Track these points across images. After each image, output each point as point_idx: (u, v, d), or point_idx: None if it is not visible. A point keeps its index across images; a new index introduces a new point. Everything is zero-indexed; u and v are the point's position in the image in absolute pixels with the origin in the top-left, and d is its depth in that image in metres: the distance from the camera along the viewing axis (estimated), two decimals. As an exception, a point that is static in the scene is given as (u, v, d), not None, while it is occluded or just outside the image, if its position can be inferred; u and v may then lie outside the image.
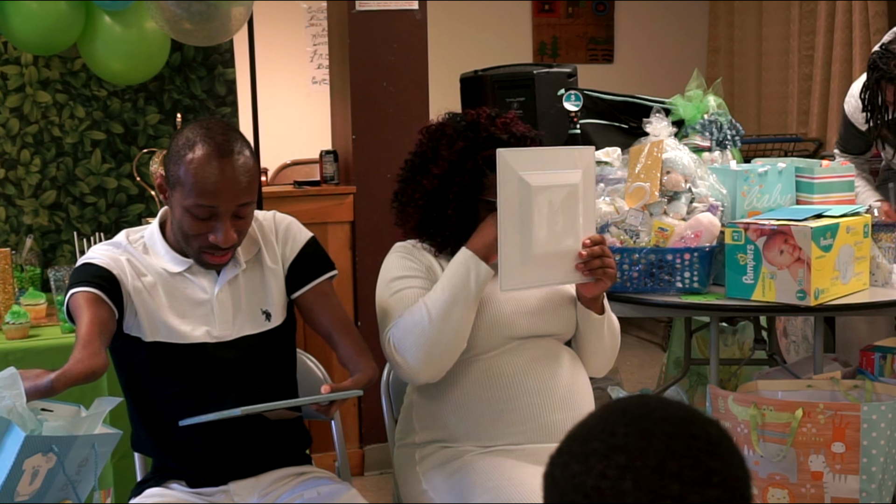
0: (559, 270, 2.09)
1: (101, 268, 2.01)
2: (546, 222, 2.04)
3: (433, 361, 2.08)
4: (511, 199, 2.00)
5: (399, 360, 2.10)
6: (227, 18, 3.09)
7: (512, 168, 2.00)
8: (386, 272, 2.21)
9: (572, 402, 2.15)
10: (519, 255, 2.02)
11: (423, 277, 2.16)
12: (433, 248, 2.22)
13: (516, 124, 2.23)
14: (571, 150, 2.20)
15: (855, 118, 3.29)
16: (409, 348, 2.08)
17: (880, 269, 2.72)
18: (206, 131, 2.00)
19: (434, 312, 2.06)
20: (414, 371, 2.09)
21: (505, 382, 2.12)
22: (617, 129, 3.35)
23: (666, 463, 0.94)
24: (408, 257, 2.20)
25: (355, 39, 3.75)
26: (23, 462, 1.59)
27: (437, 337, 2.06)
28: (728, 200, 2.75)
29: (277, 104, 5.82)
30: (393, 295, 2.15)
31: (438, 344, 2.06)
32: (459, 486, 2.06)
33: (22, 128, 3.40)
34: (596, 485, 0.94)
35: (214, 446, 2.06)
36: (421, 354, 2.07)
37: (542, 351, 2.16)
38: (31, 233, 3.38)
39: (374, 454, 3.87)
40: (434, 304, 2.06)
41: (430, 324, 2.05)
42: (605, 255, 2.10)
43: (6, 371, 1.64)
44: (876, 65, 3.00)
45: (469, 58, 4.59)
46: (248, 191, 2.02)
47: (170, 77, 3.53)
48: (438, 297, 2.07)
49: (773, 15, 6.14)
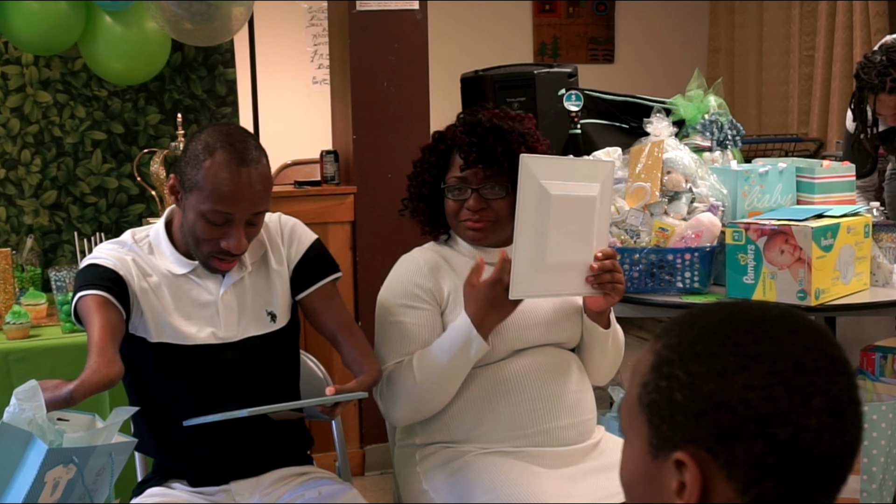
0: (569, 282, 2.09)
1: (108, 269, 2.00)
2: (561, 232, 2.03)
3: (416, 417, 2.16)
4: (530, 204, 1.99)
5: (382, 408, 2.17)
6: (228, 18, 3.09)
7: (533, 174, 1.99)
8: (392, 287, 2.20)
9: (576, 410, 2.14)
10: (531, 262, 2.01)
11: (422, 309, 2.15)
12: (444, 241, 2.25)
13: (506, 116, 2.23)
14: (594, 163, 2.21)
15: (852, 129, 3.31)
16: (391, 405, 2.15)
17: (881, 269, 2.72)
18: (226, 137, 1.99)
19: (425, 382, 2.08)
20: (394, 420, 2.19)
21: (510, 389, 2.11)
22: (617, 129, 3.35)
23: (803, 360, 0.94)
24: (416, 280, 2.18)
25: (356, 39, 3.75)
26: (45, 475, 1.59)
27: (423, 405, 2.12)
28: (729, 200, 2.75)
29: (278, 104, 5.82)
30: (391, 324, 2.17)
31: (424, 406, 2.12)
32: (460, 486, 2.06)
33: (22, 128, 3.40)
34: (743, 398, 0.93)
35: (216, 446, 2.06)
36: (401, 413, 2.15)
37: (549, 359, 2.16)
38: (32, 233, 3.38)
39: (374, 454, 3.87)
40: (426, 373, 2.08)
41: (419, 391, 2.09)
42: (616, 269, 2.10)
43: (27, 384, 1.64)
44: (858, 75, 3.03)
45: (469, 58, 4.60)
46: (264, 199, 2.02)
47: (170, 77, 3.53)
48: (434, 366, 2.08)
49: (774, 15, 6.14)
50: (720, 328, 0.97)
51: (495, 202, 2.15)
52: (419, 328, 2.14)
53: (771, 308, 1.00)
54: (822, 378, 0.94)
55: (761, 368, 0.93)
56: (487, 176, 2.15)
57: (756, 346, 0.95)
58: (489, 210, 2.16)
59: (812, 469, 0.93)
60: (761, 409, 0.92)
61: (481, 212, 2.16)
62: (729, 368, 0.94)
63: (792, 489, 0.93)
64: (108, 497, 1.74)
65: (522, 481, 2.01)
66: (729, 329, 0.97)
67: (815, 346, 0.96)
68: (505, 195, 2.15)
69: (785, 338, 0.96)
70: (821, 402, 0.93)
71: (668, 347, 0.99)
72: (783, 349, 0.95)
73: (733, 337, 0.96)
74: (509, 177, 2.12)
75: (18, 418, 1.62)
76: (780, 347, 0.95)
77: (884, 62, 2.94)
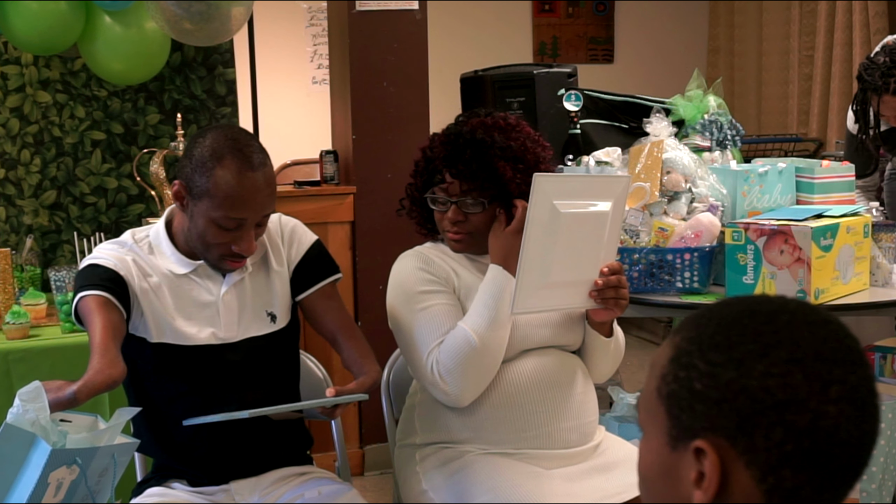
0: (573, 296, 2.08)
1: (108, 269, 2.00)
2: (569, 250, 2.02)
3: (479, 386, 2.08)
4: (539, 224, 1.97)
5: (445, 388, 2.07)
6: (227, 18, 3.09)
7: (545, 194, 1.97)
8: (404, 283, 2.17)
9: (579, 413, 2.14)
10: (537, 280, 2.00)
11: (445, 291, 2.14)
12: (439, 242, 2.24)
13: (494, 125, 2.16)
14: (610, 180, 2.17)
15: (854, 130, 3.31)
16: (457, 378, 2.05)
17: (880, 269, 2.72)
18: (232, 142, 1.98)
19: (481, 337, 2.04)
20: (460, 398, 2.08)
21: (513, 392, 2.10)
22: (617, 129, 3.35)
23: (822, 349, 0.95)
24: (425, 268, 2.16)
25: (355, 39, 3.75)
26: (48, 476, 1.60)
27: (485, 362, 2.06)
28: (728, 200, 2.75)
29: (277, 104, 5.82)
30: (421, 311, 2.12)
31: (485, 369, 2.07)
32: (460, 486, 2.06)
33: (22, 128, 3.40)
34: (763, 385, 0.93)
35: (216, 446, 2.06)
36: (470, 383, 2.06)
37: (554, 361, 2.15)
38: (32, 233, 3.38)
39: (374, 454, 3.87)
40: (478, 328, 2.05)
41: (478, 351, 2.04)
42: (621, 285, 2.09)
43: (30, 385, 1.65)
44: (861, 76, 3.03)
45: (469, 58, 4.60)
46: (272, 201, 2.03)
47: (170, 77, 3.53)
48: (481, 321, 2.05)
49: (774, 15, 6.14)
50: (739, 319, 0.98)
51: (473, 216, 2.13)
52: (448, 308, 2.11)
53: (789, 301, 1.01)
54: (840, 367, 0.95)
55: (780, 356, 0.94)
56: (464, 190, 2.12)
57: (775, 336, 0.96)
58: (467, 223, 2.14)
59: (830, 457, 0.94)
60: (781, 395, 0.93)
61: (459, 224, 2.14)
62: (748, 356, 0.95)
63: (809, 477, 0.94)
64: (109, 498, 1.75)
65: (522, 481, 2.01)
66: (748, 320, 0.98)
67: (833, 337, 0.97)
68: (481, 210, 2.12)
69: (804, 328, 0.96)
70: (839, 390, 0.94)
71: (687, 340, 1.00)
72: (802, 338, 0.95)
73: (752, 327, 0.97)
74: (488, 191, 2.10)
75: (22, 419, 1.62)
76: (800, 336, 0.96)
77: (887, 63, 2.94)
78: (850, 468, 0.96)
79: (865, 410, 0.95)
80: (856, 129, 3.26)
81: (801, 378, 0.93)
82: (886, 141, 3.19)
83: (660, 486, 1.02)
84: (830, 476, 0.95)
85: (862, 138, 3.16)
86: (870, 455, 0.98)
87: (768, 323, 0.97)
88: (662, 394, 1.00)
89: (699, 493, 0.96)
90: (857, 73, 3.07)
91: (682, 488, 0.98)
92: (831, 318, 0.99)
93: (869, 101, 3.05)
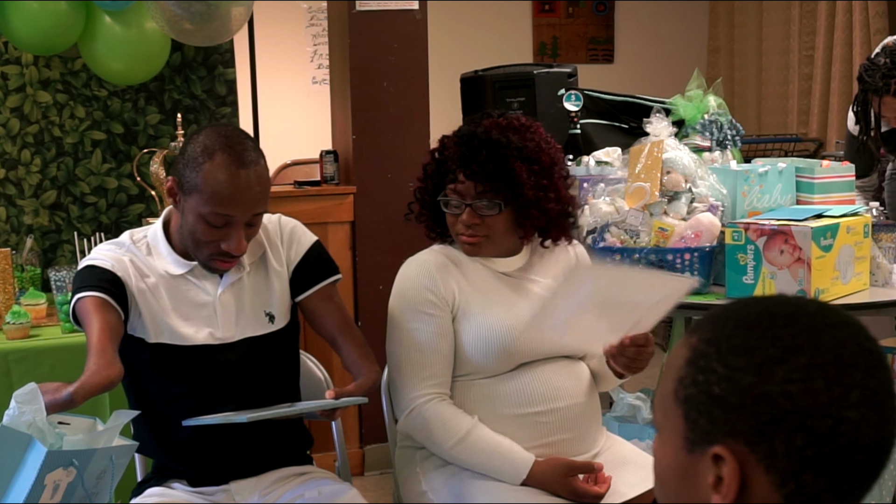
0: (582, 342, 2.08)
1: (105, 270, 2.00)
2: (594, 320, 1.91)
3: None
4: (574, 293, 1.84)
5: (408, 432, 2.14)
6: (227, 18, 3.09)
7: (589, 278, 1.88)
8: (405, 293, 2.15)
9: (583, 423, 2.13)
10: (551, 329, 1.93)
11: (441, 316, 2.11)
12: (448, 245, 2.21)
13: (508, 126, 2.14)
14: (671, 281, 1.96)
15: (854, 131, 3.31)
16: (420, 440, 2.13)
17: (880, 269, 2.72)
18: (224, 139, 1.98)
19: (455, 458, 2.08)
20: (401, 428, 2.18)
21: (516, 400, 2.09)
22: (617, 129, 3.35)
23: (842, 353, 0.94)
24: (430, 287, 2.12)
25: (355, 39, 3.75)
26: (44, 477, 1.60)
27: (443, 452, 2.10)
28: (728, 200, 2.75)
29: (277, 104, 5.81)
30: (412, 331, 2.11)
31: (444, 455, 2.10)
32: (459, 486, 2.06)
33: (22, 128, 3.40)
34: (783, 390, 0.92)
35: (216, 447, 2.06)
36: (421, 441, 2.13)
37: (561, 371, 2.13)
38: (32, 233, 3.38)
39: (374, 454, 3.87)
40: (459, 457, 2.07)
41: (445, 452, 2.08)
42: (644, 356, 2.01)
43: (26, 386, 1.65)
44: (862, 78, 3.03)
45: (469, 58, 4.59)
46: (263, 201, 2.02)
47: (170, 77, 3.53)
48: (469, 460, 2.07)
49: (774, 15, 6.14)
50: (758, 322, 0.97)
51: (489, 218, 2.10)
52: (434, 337, 2.10)
53: (807, 303, 1.00)
54: (860, 371, 0.94)
55: (801, 361, 0.93)
56: (479, 192, 2.08)
57: (795, 339, 0.95)
58: (483, 225, 2.10)
59: (850, 462, 0.93)
60: (801, 401, 0.92)
61: (475, 227, 2.10)
62: (768, 361, 0.94)
63: (830, 482, 0.93)
64: (107, 500, 1.74)
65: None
66: (767, 322, 0.97)
67: (852, 340, 0.96)
68: (498, 212, 2.09)
69: (823, 331, 0.95)
70: (860, 395, 0.93)
71: (705, 341, 0.98)
72: (822, 342, 0.94)
73: (771, 330, 0.96)
74: (503, 192, 2.07)
75: (18, 421, 1.62)
76: (819, 340, 0.95)
77: (888, 64, 2.94)
78: (870, 472, 0.95)
79: (885, 414, 0.95)
80: (856, 131, 3.26)
81: (822, 383, 0.93)
82: (887, 142, 3.19)
83: (676, 487, 1.01)
84: (850, 480, 0.94)
85: (863, 139, 3.16)
86: (888, 458, 0.97)
87: (787, 326, 0.96)
88: (679, 397, 0.99)
89: (717, 497, 0.95)
90: (858, 75, 3.07)
91: (699, 491, 0.98)
92: (850, 319, 0.98)
93: (869, 103, 3.05)
